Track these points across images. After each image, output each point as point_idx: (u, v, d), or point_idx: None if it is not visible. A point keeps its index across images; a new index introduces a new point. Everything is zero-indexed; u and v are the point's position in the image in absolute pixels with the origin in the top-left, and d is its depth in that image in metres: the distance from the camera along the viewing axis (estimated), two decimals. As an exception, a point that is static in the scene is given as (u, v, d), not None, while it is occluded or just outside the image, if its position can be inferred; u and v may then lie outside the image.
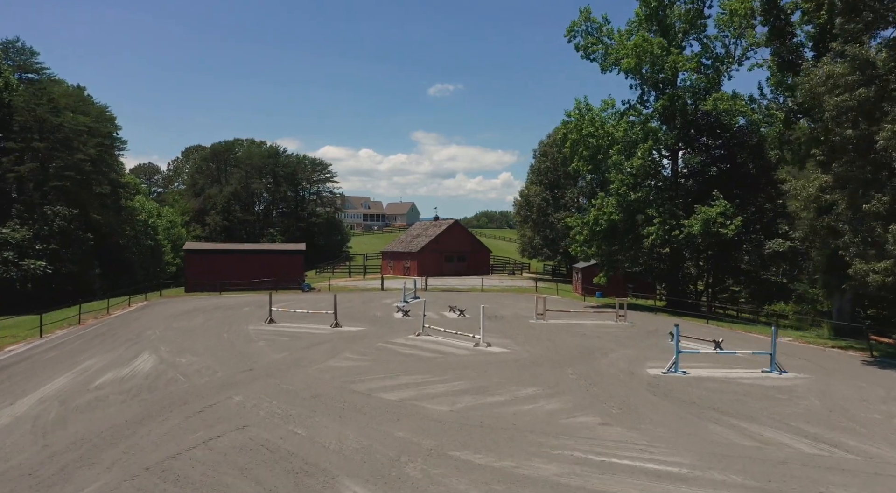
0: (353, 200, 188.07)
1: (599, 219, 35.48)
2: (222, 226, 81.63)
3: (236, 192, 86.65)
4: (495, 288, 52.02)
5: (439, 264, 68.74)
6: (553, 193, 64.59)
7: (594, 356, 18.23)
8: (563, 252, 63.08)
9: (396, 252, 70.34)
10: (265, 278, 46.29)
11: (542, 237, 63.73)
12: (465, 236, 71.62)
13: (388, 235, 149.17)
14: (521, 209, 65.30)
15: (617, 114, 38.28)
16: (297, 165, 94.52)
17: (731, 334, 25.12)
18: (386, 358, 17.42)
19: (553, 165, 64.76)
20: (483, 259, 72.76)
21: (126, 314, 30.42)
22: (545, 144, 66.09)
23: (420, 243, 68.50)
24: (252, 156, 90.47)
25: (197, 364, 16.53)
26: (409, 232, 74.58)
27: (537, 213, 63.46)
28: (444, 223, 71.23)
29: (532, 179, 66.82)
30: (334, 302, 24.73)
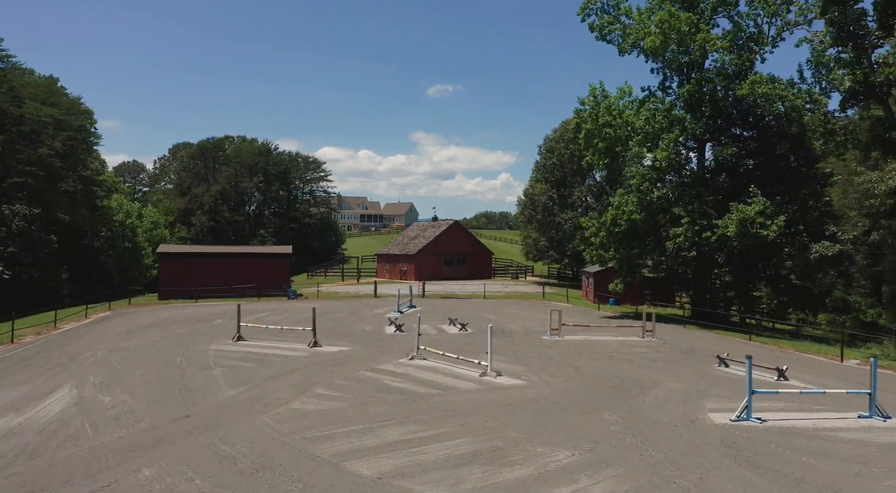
0: (350, 200, 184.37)
1: (618, 219, 31.77)
2: (209, 227, 77.86)
3: (225, 191, 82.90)
4: (499, 294, 48.29)
5: (438, 267, 65.01)
6: (560, 191, 60.88)
7: (633, 391, 14.51)
8: (570, 254, 59.37)
9: (393, 255, 66.61)
10: (247, 283, 42.54)
11: (547, 239, 60.02)
12: (465, 238, 67.89)
13: (385, 236, 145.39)
14: (525, 209, 61.60)
15: (635, 102, 34.54)
16: (290, 163, 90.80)
17: (782, 355, 21.41)
18: (368, 395, 13.70)
19: (560, 161, 61.06)
20: (484, 262, 69.02)
21: (76, 329, 26.65)
22: (551, 140, 62.39)
23: (418, 245, 64.77)
24: (242, 153, 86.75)
25: (121, 406, 12.80)
26: (406, 233, 70.89)
27: (543, 212, 59.75)
28: (443, 224, 67.51)
29: (537, 176, 63.12)
30: (313, 317, 20.99)
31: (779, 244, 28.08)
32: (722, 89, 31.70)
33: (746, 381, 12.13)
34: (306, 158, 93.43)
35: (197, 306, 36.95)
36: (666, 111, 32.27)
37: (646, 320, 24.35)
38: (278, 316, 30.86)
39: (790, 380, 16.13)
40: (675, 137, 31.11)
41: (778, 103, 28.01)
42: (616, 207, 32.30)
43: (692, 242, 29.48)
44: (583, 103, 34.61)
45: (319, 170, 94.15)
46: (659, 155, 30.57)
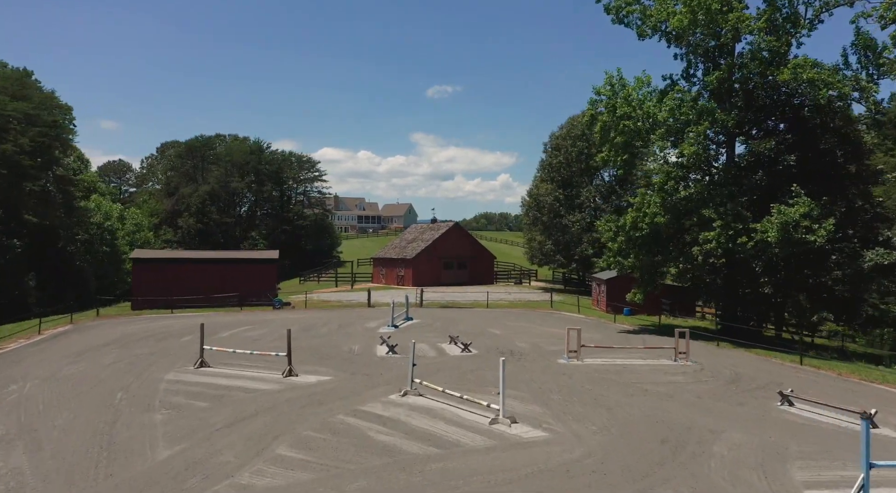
0: (348, 201, 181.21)
1: (639, 222, 28.52)
2: (196, 229, 74.54)
3: (214, 191, 79.59)
4: (503, 303, 45.03)
5: (437, 272, 61.76)
6: (566, 191, 57.63)
7: (690, 448, 11.26)
8: (578, 259, 56.10)
9: (389, 259, 63.32)
10: (230, 292, 39.28)
11: (553, 242, 56.76)
12: (466, 240, 64.65)
13: (383, 238, 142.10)
14: (529, 210, 58.34)
15: (654, 92, 31.26)
16: (283, 162, 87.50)
17: (850, 387, 18.17)
18: (344, 459, 10.45)
19: (567, 160, 57.81)
20: (486, 266, 65.77)
21: (20, 349, 23.37)
22: (557, 138, 59.15)
23: (415, 249, 61.51)
24: (233, 152, 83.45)
25: (8, 479, 9.51)
26: (403, 236, 67.62)
27: (548, 214, 56.49)
28: (442, 226, 64.25)
29: (542, 176, 59.88)
30: (288, 340, 17.72)
31: (826, 251, 24.83)
32: (756, 76, 28.44)
33: (862, 450, 8.82)
34: (300, 158, 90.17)
35: (171, 318, 33.70)
36: (692, 102, 29.01)
37: (678, 339, 21.10)
38: (258, 331, 27.61)
39: (881, 428, 12.89)
40: (704, 129, 27.87)
41: (825, 90, 24.74)
42: (637, 209, 29.05)
43: (725, 248, 26.23)
44: (598, 93, 31.36)
45: (314, 170, 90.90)
46: (686, 150, 27.32)
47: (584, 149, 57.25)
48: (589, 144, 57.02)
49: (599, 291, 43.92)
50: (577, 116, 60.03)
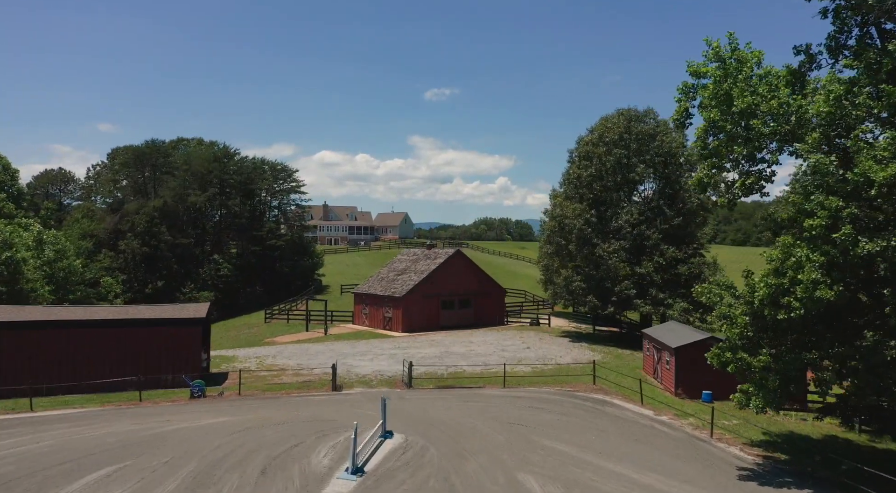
0: (338, 210, 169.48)
1: (779, 296, 16.47)
2: (142, 254, 62.43)
3: (167, 206, 67.55)
4: (524, 369, 32.94)
5: (433, 313, 49.81)
6: (600, 211, 45.71)
7: None
8: (616, 300, 44.07)
9: (374, 296, 51.30)
10: (131, 368, 27.31)
11: (583, 277, 44.75)
12: (471, 272, 52.70)
13: (375, 252, 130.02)
14: (552, 236, 46.34)
15: (778, 76, 19.07)
16: (254, 171, 75.49)
17: None
18: None
19: (599, 171, 45.92)
20: (495, 303, 53.84)
21: None
22: (587, 143, 47.27)
23: (407, 283, 49.54)
24: (192, 160, 71.42)
25: None
26: (392, 264, 55.62)
27: (577, 241, 44.49)
28: (441, 254, 52.27)
29: (567, 191, 47.97)
30: None
31: None
32: None
33: None
34: (274, 166, 78.17)
35: (21, 417, 21.65)
36: (870, 81, 17.02)
37: None
38: (130, 475, 15.45)
39: None
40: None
41: None
42: (775, 272, 16.95)
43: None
44: (696, 74, 19.29)
45: (290, 179, 78.89)
46: (879, 174, 15.29)
47: (623, 157, 45.41)
48: (629, 151, 45.18)
49: (661, 359, 31.82)
50: (611, 115, 48.34)
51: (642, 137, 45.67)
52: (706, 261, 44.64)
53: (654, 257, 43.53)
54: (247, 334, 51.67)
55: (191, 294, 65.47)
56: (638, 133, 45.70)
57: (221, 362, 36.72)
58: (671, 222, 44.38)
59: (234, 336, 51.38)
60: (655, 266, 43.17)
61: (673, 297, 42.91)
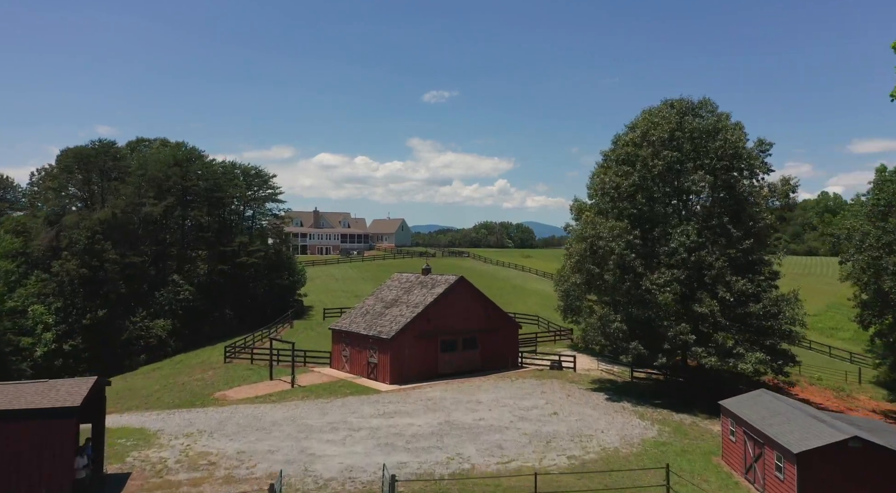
0: (330, 217, 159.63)
1: None
2: (81, 277, 52.36)
3: (115, 219, 57.58)
4: (559, 455, 22.87)
5: (431, 357, 39.96)
6: (644, 230, 35.84)
7: None
8: (670, 349, 34.11)
9: (356, 335, 41.34)
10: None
11: (624, 317, 34.81)
12: (477, 302, 42.80)
13: (368, 263, 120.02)
14: (582, 262, 36.36)
15: None
16: (222, 177, 65.56)
17: None
18: None
19: (644, 179, 36.06)
20: (507, 341, 44.02)
21: None
22: (627, 143, 37.35)
23: (397, 319, 39.62)
24: (147, 164, 61.44)
25: None
26: (380, 293, 45.64)
27: (618, 270, 34.58)
28: (440, 281, 42.29)
29: (600, 204, 38.03)
30: None
31: None
32: None
33: None
34: (246, 170, 68.23)
35: None
36: None
37: None
38: None
39: None
40: None
41: None
42: None
43: None
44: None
45: (267, 186, 68.95)
46: None
47: (675, 161, 35.53)
48: (682, 153, 35.35)
49: (764, 459, 21.80)
50: (656, 108, 38.50)
51: (699, 134, 35.86)
52: (783, 295, 34.74)
53: (717, 291, 33.60)
54: (196, 383, 41.65)
55: (142, 323, 55.55)
56: (693, 130, 35.86)
57: (135, 444, 26.73)
58: (738, 245, 34.49)
59: (179, 386, 41.39)
60: (721, 303, 33.24)
61: (745, 344, 33.05)
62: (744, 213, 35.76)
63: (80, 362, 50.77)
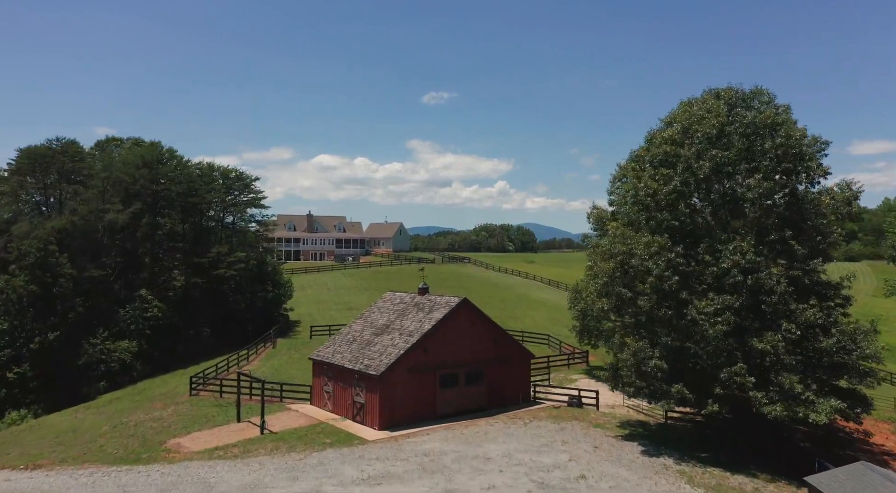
0: (324, 221, 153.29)
1: None
2: (30, 294, 46.11)
3: (76, 226, 51.38)
4: None
5: (428, 395, 33.82)
6: (687, 245, 29.64)
7: None
8: (722, 393, 27.91)
9: (341, 368, 35.10)
10: None
11: (663, 352, 28.60)
12: (483, 328, 36.58)
13: (364, 270, 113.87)
14: (610, 285, 30.14)
15: None
16: (198, 179, 59.33)
17: None
18: None
19: (687, 184, 29.88)
20: (518, 373, 37.90)
21: None
22: (665, 141, 31.12)
23: (389, 350, 33.44)
24: (113, 166, 55.21)
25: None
26: (369, 315, 39.38)
27: (654, 296, 28.39)
28: (440, 304, 36.02)
29: (630, 214, 31.87)
30: None
31: None
32: None
33: None
34: (226, 172, 62.02)
35: None
36: None
37: None
38: None
39: None
40: None
41: None
42: None
43: None
44: None
45: (248, 189, 62.75)
46: None
47: (726, 162, 29.39)
48: (733, 152, 29.23)
49: None
50: (697, 99, 32.37)
51: (753, 130, 29.65)
52: (858, 325, 28.54)
53: (781, 322, 27.41)
54: (152, 424, 35.36)
55: (103, 346, 49.29)
56: (747, 125, 29.67)
57: None
58: (804, 266, 28.31)
59: (131, 427, 35.11)
60: (785, 338, 27.05)
61: (815, 387, 26.89)
62: (806, 225, 29.60)
63: (28, 393, 44.56)
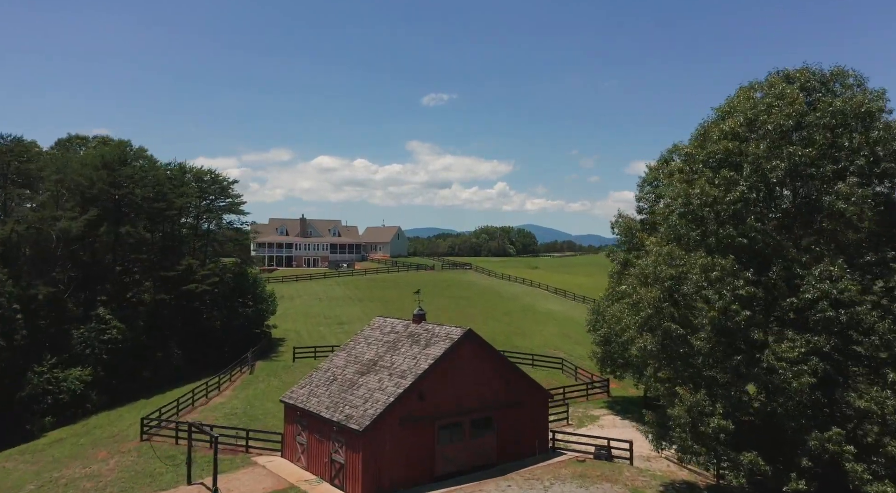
0: (319, 225, 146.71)
1: None
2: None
3: (20, 236, 44.88)
4: None
5: (424, 451, 27.25)
6: (758, 267, 23.08)
7: None
8: (809, 466, 21.38)
9: (316, 417, 28.55)
10: None
11: (725, 405, 22.07)
12: (490, 365, 30.03)
13: (359, 278, 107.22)
14: (656, 319, 23.63)
15: None
16: (167, 182, 52.86)
17: None
18: None
19: (756, 189, 23.36)
20: (533, 417, 31.42)
21: None
22: (724, 135, 24.54)
23: (375, 397, 26.94)
24: (68, 166, 48.78)
25: None
26: (354, 346, 32.82)
27: (713, 336, 21.87)
28: (440, 335, 29.42)
29: (678, 227, 25.28)
30: None
31: None
32: None
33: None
34: (199, 174, 55.58)
35: None
36: None
37: None
38: None
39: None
40: None
41: None
42: None
43: None
44: None
45: (224, 193, 56.29)
46: None
47: (807, 162, 22.96)
48: (815, 148, 22.79)
49: None
50: (768, 80, 25.93)
51: (842, 120, 23.16)
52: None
53: (886, 371, 20.96)
54: (84, 483, 28.77)
55: (51, 374, 42.85)
56: (833, 114, 23.17)
57: None
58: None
59: (60, 485, 28.58)
60: (892, 390, 20.62)
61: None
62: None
63: (-45, 433, 38.16)
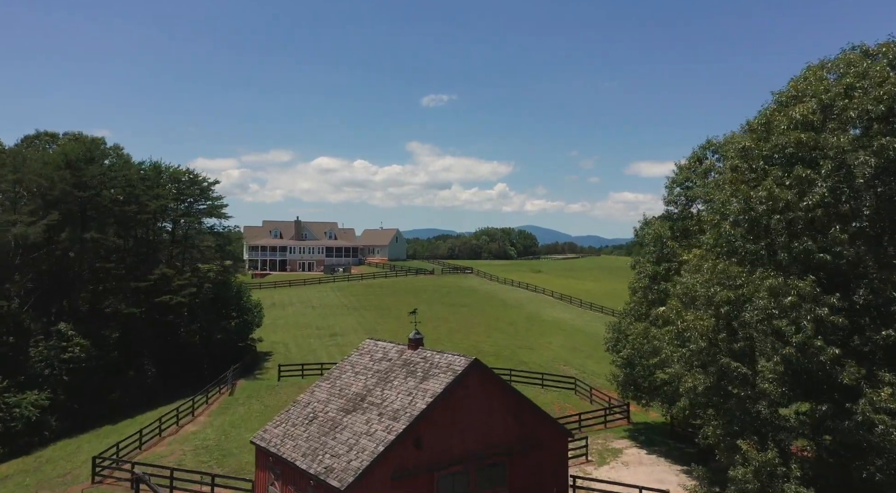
0: (314, 227, 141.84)
1: None
2: None
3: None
4: None
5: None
6: (843, 288, 18.30)
7: None
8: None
9: (290, 466, 23.75)
10: None
11: (803, 468, 17.26)
12: (499, 401, 25.13)
13: (354, 284, 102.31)
14: (711, 350, 18.91)
15: None
16: (140, 183, 48.17)
17: None
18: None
19: (839, 191, 18.58)
20: (551, 460, 26.45)
21: None
22: (797, 124, 19.77)
23: (362, 445, 22.12)
24: (26, 165, 44.10)
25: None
26: (339, 377, 28.01)
27: (787, 377, 17.06)
28: (437, 367, 24.62)
29: (731, 238, 20.46)
30: None
31: None
32: None
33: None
34: (176, 174, 50.89)
35: None
36: None
37: None
38: None
39: None
40: None
41: None
42: None
43: None
44: None
45: (204, 195, 51.59)
46: None
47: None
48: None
49: None
50: (839, 57, 21.05)
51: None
52: None
53: None
54: None
55: (1, 400, 38.17)
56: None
57: None
58: None
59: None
60: None
61: None
62: None
63: None
